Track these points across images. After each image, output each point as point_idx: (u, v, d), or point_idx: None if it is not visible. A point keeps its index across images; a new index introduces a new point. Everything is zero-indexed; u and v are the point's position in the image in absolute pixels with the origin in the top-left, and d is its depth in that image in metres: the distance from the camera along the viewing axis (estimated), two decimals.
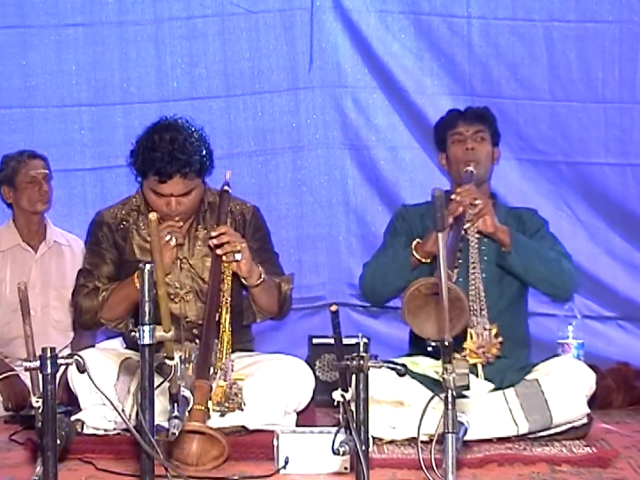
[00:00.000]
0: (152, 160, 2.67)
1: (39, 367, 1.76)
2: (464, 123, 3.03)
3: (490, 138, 3.05)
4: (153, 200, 2.77)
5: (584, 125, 3.98)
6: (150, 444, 1.72)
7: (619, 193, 3.97)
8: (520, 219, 3.06)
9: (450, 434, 1.79)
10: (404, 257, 2.91)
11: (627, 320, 4.00)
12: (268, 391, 2.68)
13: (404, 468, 2.39)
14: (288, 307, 2.91)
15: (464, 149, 2.98)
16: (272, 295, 2.83)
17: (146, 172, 2.72)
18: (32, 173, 3.48)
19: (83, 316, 2.84)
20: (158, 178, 2.69)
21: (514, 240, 2.87)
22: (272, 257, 2.93)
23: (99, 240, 2.90)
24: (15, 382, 3.27)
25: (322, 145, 4.09)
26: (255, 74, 4.05)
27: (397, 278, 2.92)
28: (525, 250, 2.88)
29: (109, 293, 2.79)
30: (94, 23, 4.01)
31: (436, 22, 3.99)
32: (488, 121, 3.07)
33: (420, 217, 3.04)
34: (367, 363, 1.80)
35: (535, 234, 3.01)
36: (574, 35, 3.95)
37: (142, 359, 1.77)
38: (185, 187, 2.74)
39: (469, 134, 3.01)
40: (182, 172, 2.68)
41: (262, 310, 2.87)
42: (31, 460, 2.41)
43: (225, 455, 2.40)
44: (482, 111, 3.11)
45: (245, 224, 2.90)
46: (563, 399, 2.71)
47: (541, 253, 2.90)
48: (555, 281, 2.92)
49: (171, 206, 2.74)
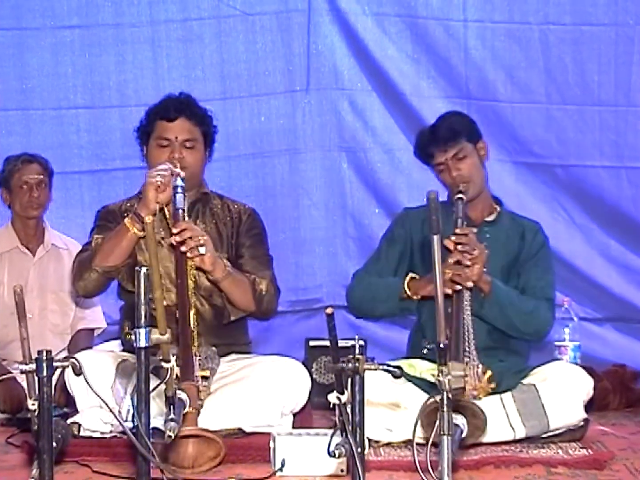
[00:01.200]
0: (160, 105, 2.88)
1: (35, 370, 1.76)
2: (438, 151, 2.90)
3: (471, 145, 2.94)
4: (157, 156, 2.83)
5: (580, 128, 3.99)
6: (147, 446, 1.73)
7: (613, 196, 3.98)
8: (523, 234, 2.99)
9: (446, 436, 1.79)
10: (394, 288, 2.90)
11: (623, 322, 4.01)
12: (264, 393, 2.68)
13: (400, 470, 2.40)
14: (269, 306, 2.86)
15: (451, 177, 2.90)
16: (243, 290, 2.81)
17: (154, 119, 2.85)
18: (25, 178, 3.48)
19: (78, 269, 2.81)
20: (165, 118, 2.82)
21: (492, 295, 2.82)
22: (262, 256, 2.93)
23: (107, 219, 2.91)
24: (11, 385, 3.26)
25: (319, 147, 4.09)
26: (251, 76, 4.05)
27: (384, 307, 2.94)
28: (500, 305, 2.84)
29: (102, 240, 2.80)
30: (90, 25, 4.01)
31: (432, 26, 4.00)
32: (462, 133, 2.91)
33: (422, 222, 2.99)
34: (362, 365, 1.80)
35: (531, 260, 2.95)
36: (570, 39, 3.96)
37: (138, 362, 1.77)
38: (190, 133, 2.83)
39: (449, 161, 2.89)
40: (188, 114, 2.83)
41: (235, 307, 2.84)
42: (28, 463, 2.41)
43: (222, 456, 2.41)
44: (452, 127, 2.92)
45: (240, 223, 2.93)
46: (560, 405, 2.70)
47: (517, 307, 2.85)
48: (526, 331, 2.90)
49: (174, 154, 2.78)
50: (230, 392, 2.71)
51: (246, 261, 2.89)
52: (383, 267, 3.02)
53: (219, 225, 2.93)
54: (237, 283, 2.79)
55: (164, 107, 2.87)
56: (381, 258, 3.05)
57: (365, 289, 2.97)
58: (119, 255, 2.75)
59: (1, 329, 3.44)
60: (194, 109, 2.88)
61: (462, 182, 2.89)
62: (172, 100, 2.89)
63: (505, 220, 3.02)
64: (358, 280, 3.02)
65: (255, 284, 2.83)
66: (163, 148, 2.83)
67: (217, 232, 2.92)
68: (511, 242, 2.98)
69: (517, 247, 2.98)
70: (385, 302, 2.92)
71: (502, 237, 2.98)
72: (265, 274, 2.86)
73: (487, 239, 2.93)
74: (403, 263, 3.02)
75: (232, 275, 2.77)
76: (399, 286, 2.89)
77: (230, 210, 2.95)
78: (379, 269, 3.02)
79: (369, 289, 2.96)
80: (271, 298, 2.86)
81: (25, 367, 1.81)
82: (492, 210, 3.04)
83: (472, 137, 2.96)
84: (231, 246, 2.91)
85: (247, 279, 2.83)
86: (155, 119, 2.87)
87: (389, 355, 3.23)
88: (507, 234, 2.99)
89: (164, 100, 2.91)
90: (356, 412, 1.80)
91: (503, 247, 2.97)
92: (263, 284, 2.83)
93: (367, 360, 1.83)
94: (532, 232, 3.01)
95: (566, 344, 3.48)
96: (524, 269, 2.95)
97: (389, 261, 3.02)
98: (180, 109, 2.85)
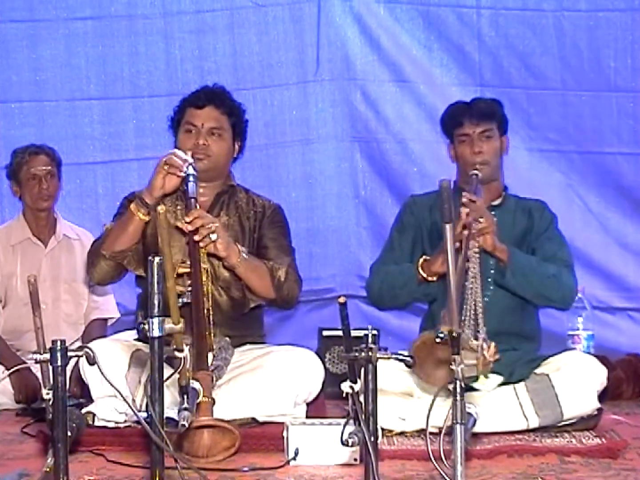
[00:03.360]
0: (193, 93, 2.92)
1: (49, 360, 1.77)
2: (470, 122, 2.92)
3: (498, 132, 2.98)
4: (182, 141, 2.86)
5: (596, 114, 3.96)
6: (160, 436, 1.73)
7: (632, 182, 3.96)
8: (530, 214, 3.01)
9: (459, 424, 1.79)
10: (410, 273, 2.89)
11: (637, 311, 3.99)
12: (278, 382, 2.68)
13: (413, 459, 2.40)
14: (290, 293, 2.84)
15: (472, 152, 2.91)
16: (261, 276, 2.81)
17: (185, 106, 2.89)
18: (33, 170, 3.49)
19: (90, 256, 2.84)
20: (194, 105, 2.87)
21: (512, 261, 2.83)
22: (284, 246, 2.92)
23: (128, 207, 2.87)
24: (26, 375, 3.29)
25: (332, 138, 4.09)
26: (264, 67, 4.05)
27: (404, 293, 2.94)
28: (523, 270, 2.84)
29: (111, 226, 2.82)
30: (104, 17, 4.03)
31: (445, 13, 3.98)
32: (496, 116, 2.97)
33: (429, 208, 3.01)
34: (375, 354, 1.80)
35: (543, 234, 2.96)
36: (585, 24, 3.93)
37: (151, 351, 1.77)
38: (216, 122, 2.85)
39: (476, 135, 2.92)
40: (216, 102, 2.86)
41: (254, 293, 2.84)
42: (42, 452, 2.43)
43: (237, 446, 2.41)
44: (490, 106, 3.00)
45: (264, 217, 2.94)
46: (574, 395, 2.69)
47: (539, 271, 2.86)
48: (552, 297, 2.89)
49: (199, 141, 2.81)
50: (243, 382, 2.71)
51: (268, 251, 2.89)
52: (398, 256, 3.02)
53: (242, 219, 2.92)
54: (253, 269, 2.79)
55: (195, 95, 2.91)
56: (395, 248, 3.04)
57: (383, 279, 2.97)
58: (125, 240, 2.76)
59: (15, 320, 3.47)
60: (224, 99, 2.90)
61: (479, 162, 2.91)
62: (203, 90, 2.93)
63: (511, 203, 3.04)
64: (375, 273, 3.02)
65: (274, 271, 2.82)
66: (189, 133, 2.86)
67: (240, 225, 2.91)
68: (519, 221, 2.99)
69: (525, 225, 2.99)
70: (404, 288, 2.92)
71: (509, 218, 2.98)
72: (284, 261, 2.85)
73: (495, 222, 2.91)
74: (417, 250, 3.01)
75: (248, 261, 2.77)
76: (413, 270, 2.88)
77: (255, 205, 2.95)
78: (395, 258, 3.02)
79: (386, 279, 2.96)
80: (292, 285, 2.84)
81: (39, 357, 1.82)
82: (499, 196, 3.05)
83: (502, 127, 3.02)
84: (253, 240, 2.91)
85: (264, 265, 2.83)
86: (185, 107, 2.90)
87: (402, 345, 3.23)
88: (513, 215, 3.00)
89: (198, 90, 2.94)
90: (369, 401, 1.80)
91: (511, 226, 2.97)
92: (282, 270, 2.82)
93: (379, 349, 1.83)
94: (539, 210, 3.03)
95: (579, 333, 3.47)
96: (537, 244, 2.95)
97: (403, 249, 3.02)
98: (210, 98, 2.88)
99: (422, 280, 2.88)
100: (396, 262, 3.00)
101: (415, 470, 2.31)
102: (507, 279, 2.84)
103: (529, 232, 2.99)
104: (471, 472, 2.23)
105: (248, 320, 2.92)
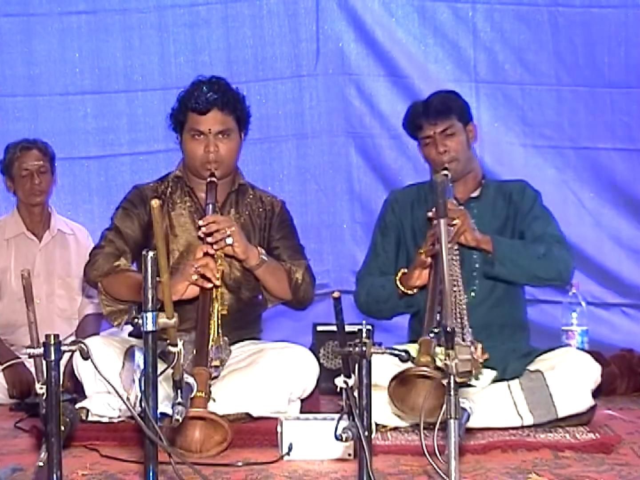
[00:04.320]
0: (191, 94, 2.79)
1: (43, 354, 1.77)
2: (428, 124, 2.86)
3: (460, 124, 2.90)
4: (191, 149, 2.81)
5: (591, 110, 3.97)
6: (154, 430, 1.73)
7: (626, 178, 3.97)
8: (511, 197, 2.96)
9: (453, 420, 1.79)
10: (390, 288, 2.90)
11: (631, 307, 4.00)
12: (272, 379, 2.68)
13: (407, 454, 2.40)
14: (306, 295, 2.86)
15: (437, 152, 2.87)
16: (279, 278, 2.82)
17: (186, 110, 2.79)
18: (25, 166, 3.49)
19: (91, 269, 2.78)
20: (197, 111, 2.76)
21: (497, 249, 2.81)
22: (296, 246, 2.93)
23: (133, 204, 2.87)
24: (20, 370, 3.28)
25: (326, 133, 4.08)
26: (258, 61, 4.04)
27: (387, 307, 2.96)
28: (510, 256, 2.81)
29: (121, 274, 2.74)
30: (97, 11, 4.02)
31: (441, 8, 3.98)
32: (453, 110, 2.89)
33: (411, 204, 2.99)
34: (369, 349, 1.80)
35: (529, 214, 2.92)
36: (580, 20, 3.94)
37: (145, 346, 1.77)
38: (223, 124, 2.78)
39: (437, 135, 2.86)
40: (219, 105, 2.77)
41: (272, 295, 2.85)
42: (36, 447, 2.43)
43: (229, 440, 2.41)
44: (444, 102, 2.90)
45: (273, 215, 2.93)
46: (568, 394, 2.69)
47: (527, 254, 2.82)
48: (546, 277, 2.86)
49: (209, 148, 2.76)
50: (238, 378, 2.71)
51: (281, 251, 2.89)
52: (383, 261, 3.01)
53: (252, 216, 2.92)
54: (272, 271, 2.80)
55: (195, 98, 2.78)
56: (379, 253, 3.03)
57: (367, 293, 2.98)
58: (123, 297, 2.72)
59: (9, 315, 3.46)
60: (225, 97, 2.79)
61: (448, 160, 2.87)
62: (203, 90, 2.79)
63: (490, 191, 2.99)
64: (361, 285, 3.03)
65: (292, 273, 2.83)
66: (197, 140, 2.80)
67: (251, 222, 2.91)
68: (499, 209, 2.96)
69: (507, 211, 2.96)
70: (387, 303, 2.94)
71: (489, 207, 2.96)
72: (301, 263, 2.87)
73: (475, 215, 2.91)
74: (402, 251, 3.01)
75: (267, 263, 2.77)
76: (392, 284, 2.89)
77: (262, 202, 2.94)
78: (380, 265, 3.01)
79: (370, 293, 2.97)
80: (307, 287, 2.86)
81: (33, 351, 1.82)
82: (477, 186, 3.01)
83: (463, 117, 2.94)
84: (263, 238, 2.91)
85: (283, 267, 2.83)
86: (187, 111, 2.80)
87: (396, 340, 3.23)
88: (493, 202, 2.97)
89: (195, 88, 2.80)
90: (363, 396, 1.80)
91: (492, 215, 2.94)
92: (299, 272, 2.83)
93: (374, 344, 1.83)
94: (520, 192, 2.98)
95: (574, 329, 3.47)
96: (525, 225, 2.92)
97: (388, 253, 3.01)
98: (212, 101, 2.77)
99: (402, 295, 2.89)
100: (381, 269, 3.00)
101: (409, 466, 2.31)
102: (497, 269, 2.82)
103: (512, 216, 2.95)
104: (465, 467, 2.23)
105: (250, 321, 2.93)
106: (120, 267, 2.75)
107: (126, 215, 2.85)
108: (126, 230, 2.82)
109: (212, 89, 2.80)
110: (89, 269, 2.80)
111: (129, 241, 2.82)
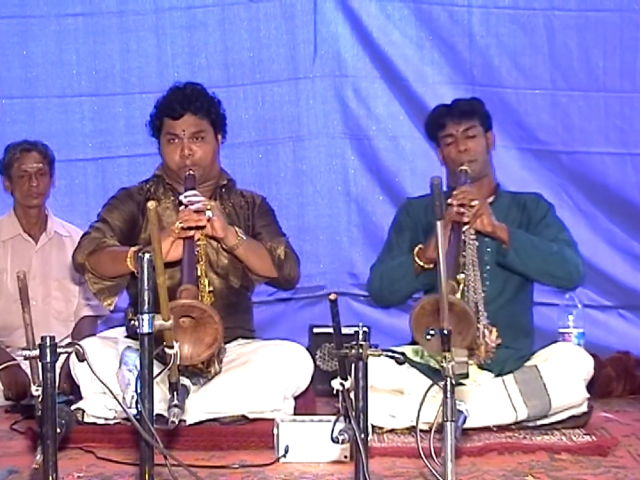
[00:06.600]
0: (166, 100, 2.90)
1: (39, 356, 1.76)
2: (452, 122, 2.95)
3: (482, 128, 2.99)
4: (168, 153, 2.88)
5: (585, 114, 3.97)
6: (150, 432, 1.73)
7: (619, 182, 3.97)
8: (525, 207, 3.03)
9: (450, 422, 1.79)
10: (408, 264, 2.90)
11: (627, 309, 4.01)
12: (267, 376, 2.69)
13: (404, 457, 2.40)
14: (291, 272, 2.89)
15: (457, 151, 2.93)
16: (261, 255, 2.85)
17: (161, 116, 2.88)
18: (24, 167, 3.49)
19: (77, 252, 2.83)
20: (171, 116, 2.85)
21: (513, 238, 2.84)
22: (276, 230, 2.98)
23: (120, 200, 2.93)
24: (16, 371, 3.28)
25: (323, 135, 4.08)
26: (255, 63, 4.04)
27: (404, 285, 2.94)
28: (525, 247, 2.85)
29: (106, 249, 2.79)
30: (95, 13, 4.01)
31: (437, 11, 3.98)
32: (477, 113, 2.99)
33: (425, 209, 3.01)
34: (366, 351, 1.80)
35: (541, 222, 2.98)
36: (575, 24, 3.94)
37: (141, 348, 1.77)
38: (196, 126, 2.85)
39: (459, 134, 2.94)
40: (192, 109, 2.84)
41: (256, 274, 2.87)
42: (32, 449, 2.42)
43: (219, 339, 2.28)
44: (470, 105, 3.02)
45: (255, 207, 3.00)
46: (561, 384, 2.71)
47: (542, 248, 2.87)
48: (557, 274, 2.90)
49: (184, 152, 2.82)
50: (233, 376, 2.72)
51: (263, 236, 2.94)
52: (397, 254, 3.03)
53: (235, 208, 2.98)
54: (253, 249, 2.84)
55: (169, 104, 2.88)
56: (393, 247, 3.06)
57: (382, 276, 2.99)
58: (109, 272, 2.77)
59: (5, 317, 3.46)
60: (198, 102, 2.87)
61: (467, 160, 2.92)
62: (176, 96, 2.88)
63: (504, 199, 3.05)
64: (374, 272, 3.04)
65: (272, 250, 2.87)
66: (172, 143, 2.87)
67: (235, 213, 2.97)
68: (513, 217, 3.00)
69: (519, 217, 3.00)
70: (403, 280, 2.92)
71: (503, 213, 2.98)
72: (280, 240, 2.91)
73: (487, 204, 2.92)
74: None
75: (247, 242, 2.81)
76: (410, 260, 2.89)
77: (244, 196, 3.02)
78: (394, 257, 3.02)
79: (385, 275, 2.98)
80: (292, 263, 2.89)
81: (28, 353, 1.81)
82: (492, 193, 3.06)
83: (485, 123, 3.02)
84: (247, 227, 2.95)
85: (264, 246, 2.88)
86: (162, 116, 2.90)
87: (393, 342, 3.23)
88: (507, 210, 3.01)
89: (170, 95, 2.91)
90: (360, 398, 1.80)
91: (505, 221, 2.95)
92: (280, 248, 2.88)
93: (370, 346, 1.83)
94: (533, 202, 3.05)
95: (570, 331, 3.47)
96: (536, 232, 2.96)
97: (401, 248, 3.02)
98: (185, 106, 2.86)
99: (419, 270, 2.88)
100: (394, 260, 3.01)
101: (406, 468, 2.31)
102: (510, 258, 2.85)
103: (525, 224, 2.99)
104: (461, 469, 2.24)
105: (240, 312, 2.94)
106: (105, 243, 2.81)
107: (113, 208, 2.93)
108: (112, 220, 2.89)
109: (186, 94, 2.89)
110: (76, 253, 2.85)
111: (115, 229, 2.88)
